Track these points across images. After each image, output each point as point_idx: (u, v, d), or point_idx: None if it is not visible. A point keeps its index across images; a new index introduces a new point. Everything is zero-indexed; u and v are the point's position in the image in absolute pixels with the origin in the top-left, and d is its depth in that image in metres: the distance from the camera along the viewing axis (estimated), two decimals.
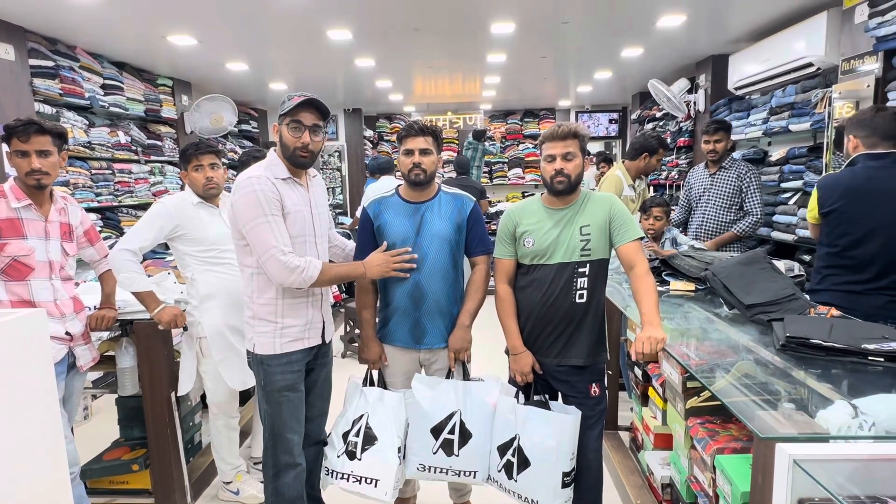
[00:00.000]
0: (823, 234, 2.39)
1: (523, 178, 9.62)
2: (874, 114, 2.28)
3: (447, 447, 2.00)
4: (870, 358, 1.56)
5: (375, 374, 2.18)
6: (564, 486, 1.92)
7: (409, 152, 2.04)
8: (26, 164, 1.97)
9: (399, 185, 2.18)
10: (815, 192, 2.41)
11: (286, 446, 1.94)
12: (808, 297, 2.11)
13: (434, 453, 2.01)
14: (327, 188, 9.69)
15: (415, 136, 2.04)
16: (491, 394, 2.05)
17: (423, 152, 2.04)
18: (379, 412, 2.04)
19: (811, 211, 2.44)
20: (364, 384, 2.15)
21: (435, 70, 6.41)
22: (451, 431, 2.00)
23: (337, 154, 9.88)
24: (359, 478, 1.99)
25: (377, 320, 2.17)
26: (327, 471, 2.06)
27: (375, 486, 1.97)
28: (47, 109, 4.07)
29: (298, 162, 1.90)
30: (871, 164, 2.24)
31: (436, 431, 2.01)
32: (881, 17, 2.87)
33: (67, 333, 2.09)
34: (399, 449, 2.01)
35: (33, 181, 1.99)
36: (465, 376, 2.13)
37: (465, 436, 2.00)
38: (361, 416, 2.05)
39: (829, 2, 3.72)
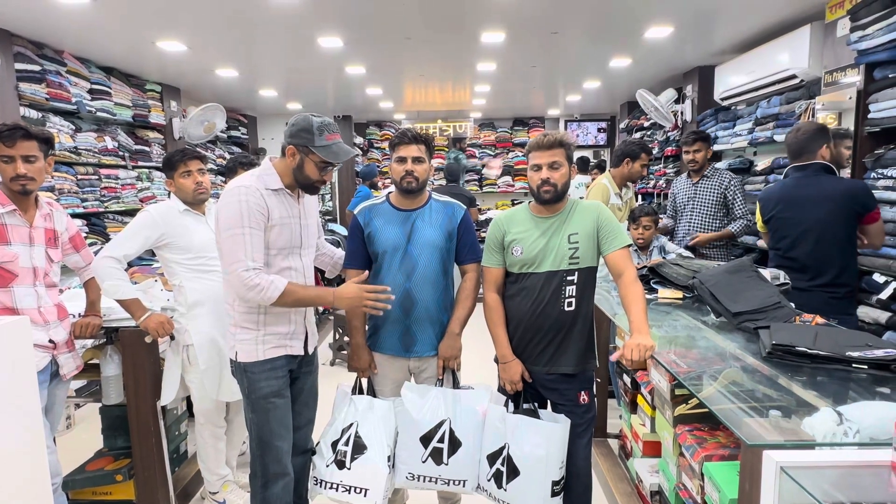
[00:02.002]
0: (770, 239, 2.72)
1: (513, 185, 9.68)
2: (790, 133, 2.62)
3: (436, 456, 1.99)
4: (854, 365, 1.58)
5: (364, 382, 2.17)
6: (554, 494, 1.92)
7: (402, 160, 2.04)
8: (11, 170, 1.95)
9: (390, 193, 2.18)
10: (758, 204, 2.77)
11: (275, 455, 1.91)
12: (793, 304, 2.14)
13: (423, 462, 1.99)
14: (318, 195, 9.64)
15: (408, 144, 2.04)
16: (481, 402, 2.04)
17: (416, 160, 2.04)
18: (369, 421, 2.02)
19: (758, 220, 2.80)
20: (353, 392, 2.14)
21: (425, 78, 6.44)
22: (441, 440, 1.99)
23: None
24: (348, 487, 1.97)
25: (366, 328, 2.16)
26: (316, 480, 2.03)
27: (365, 495, 1.95)
28: (33, 114, 4.03)
29: (312, 190, 1.95)
30: (798, 175, 2.57)
31: (425, 440, 1.99)
32: (862, 31, 2.93)
33: (51, 341, 2.06)
34: (389, 458, 1.99)
35: (18, 187, 1.97)
36: (455, 384, 2.12)
37: (454, 444, 1.99)
38: (351, 424, 2.03)
39: (812, 15, 3.80)
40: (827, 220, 2.46)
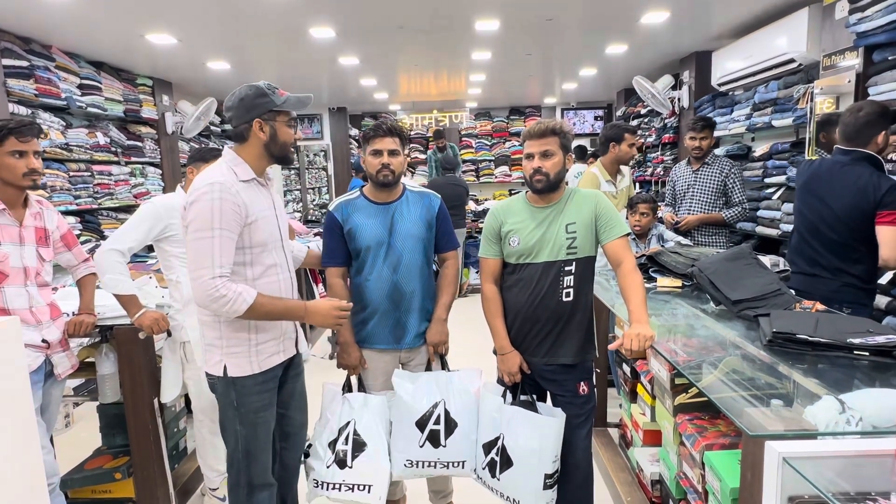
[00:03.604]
0: (794, 217, 2.54)
1: (510, 175, 9.64)
2: (849, 111, 2.33)
3: (434, 439, 1.98)
4: (855, 352, 1.56)
5: (354, 379, 2.15)
6: (547, 487, 1.91)
7: (378, 153, 2.02)
8: (24, 165, 1.93)
9: (363, 186, 2.15)
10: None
11: (262, 466, 1.85)
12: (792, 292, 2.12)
13: (421, 447, 1.98)
14: (315, 188, 9.63)
15: (382, 137, 2.02)
16: (472, 383, 2.04)
17: (392, 153, 2.02)
18: (365, 417, 2.01)
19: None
20: (344, 390, 2.12)
21: (420, 68, 6.38)
22: (437, 422, 1.98)
23: (322, 153, 9.82)
24: (351, 486, 1.95)
25: (353, 324, 2.13)
26: (316, 483, 2.00)
27: (369, 491, 1.94)
28: (22, 110, 3.97)
29: (289, 157, 1.85)
30: (838, 159, 2.34)
31: (421, 424, 1.98)
32: (861, 13, 2.90)
33: (44, 341, 2.04)
34: (389, 452, 1.99)
35: (30, 182, 1.96)
36: (444, 369, 2.13)
37: (450, 425, 1.98)
38: (348, 423, 2.01)
39: None
40: (838, 216, 2.27)
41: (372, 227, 2.04)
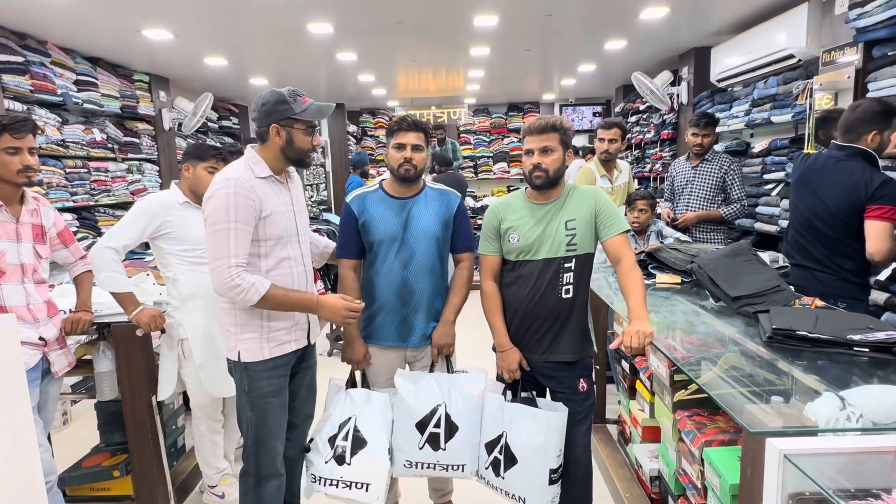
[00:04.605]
0: (789, 209, 2.54)
1: (508, 172, 9.64)
2: (849, 108, 2.32)
3: (433, 441, 1.97)
4: (855, 349, 1.56)
5: (359, 374, 2.14)
6: (551, 483, 1.91)
7: (401, 146, 2.00)
8: (18, 161, 1.92)
9: (383, 180, 2.14)
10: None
11: (271, 455, 1.88)
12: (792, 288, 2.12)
13: (420, 449, 1.97)
14: (312, 184, 9.60)
15: (406, 131, 2.00)
16: (476, 385, 2.03)
17: (415, 148, 2.00)
18: (367, 414, 2.00)
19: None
20: (347, 385, 2.11)
21: (418, 64, 6.36)
22: (437, 425, 1.97)
23: (321, 150, 9.79)
24: (349, 483, 1.93)
25: (361, 319, 2.13)
26: (314, 478, 1.99)
27: (367, 490, 1.92)
28: (18, 107, 3.95)
29: (304, 161, 1.90)
30: (832, 154, 2.33)
31: (421, 426, 1.97)
32: (861, 9, 2.89)
33: (41, 339, 2.02)
34: (389, 451, 1.97)
35: (24, 178, 1.95)
36: (450, 371, 2.11)
37: (451, 428, 1.97)
38: (349, 419, 2.00)
39: None
40: (831, 211, 2.25)
41: (386, 221, 2.03)
